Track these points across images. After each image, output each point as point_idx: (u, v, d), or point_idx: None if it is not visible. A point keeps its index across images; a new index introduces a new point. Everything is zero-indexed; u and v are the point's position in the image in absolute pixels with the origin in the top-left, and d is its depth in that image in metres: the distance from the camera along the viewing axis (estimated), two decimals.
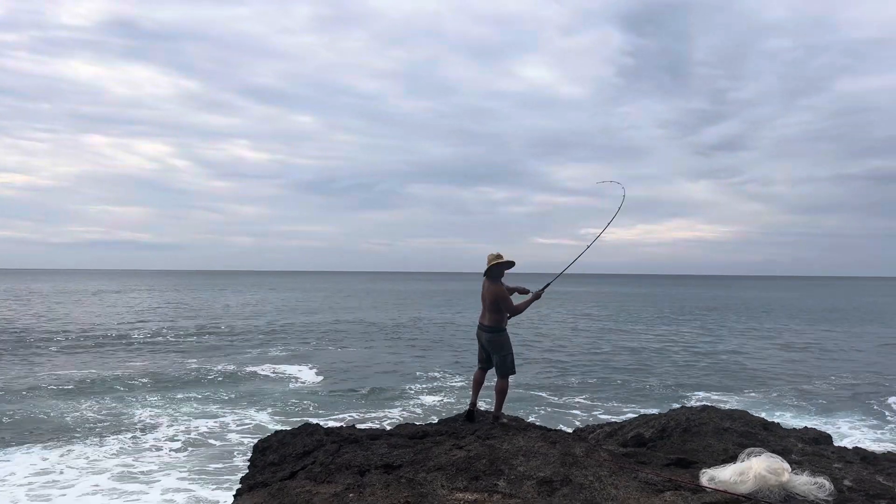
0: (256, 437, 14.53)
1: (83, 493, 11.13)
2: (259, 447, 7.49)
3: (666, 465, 6.30)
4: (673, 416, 8.30)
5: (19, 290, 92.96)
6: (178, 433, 14.97)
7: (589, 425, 9.46)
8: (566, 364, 26.58)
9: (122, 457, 13.12)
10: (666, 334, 39.26)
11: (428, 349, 31.12)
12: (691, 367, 26.23)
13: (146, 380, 21.74)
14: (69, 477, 11.88)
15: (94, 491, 11.22)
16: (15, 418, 16.33)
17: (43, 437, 14.56)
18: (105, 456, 13.16)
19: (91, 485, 11.53)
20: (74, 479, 11.80)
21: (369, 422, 16.08)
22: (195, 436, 14.82)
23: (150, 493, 11.20)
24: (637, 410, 17.27)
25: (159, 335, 35.52)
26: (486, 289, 7.42)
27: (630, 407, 18.18)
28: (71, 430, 15.25)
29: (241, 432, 15.25)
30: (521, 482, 5.03)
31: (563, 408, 18.20)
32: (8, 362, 24.90)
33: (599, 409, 18.16)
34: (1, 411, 16.92)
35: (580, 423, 15.38)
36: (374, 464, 5.92)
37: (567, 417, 16.73)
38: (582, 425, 10.04)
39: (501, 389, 7.53)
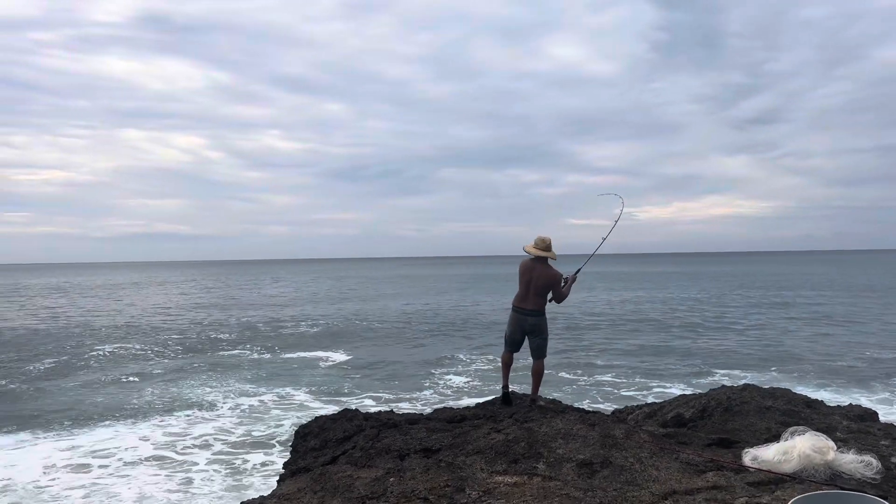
0: (294, 412, 15.97)
1: (137, 463, 12.02)
2: (300, 433, 7.60)
3: (707, 445, 6.24)
4: (713, 395, 8.19)
5: (65, 284, 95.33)
6: (226, 411, 15.97)
7: (627, 406, 9.39)
8: (593, 343, 26.49)
9: (172, 434, 13.91)
10: (699, 312, 38.77)
11: (455, 332, 31.27)
12: (726, 344, 25.85)
13: (193, 364, 22.97)
14: (125, 453, 12.65)
15: (152, 464, 11.98)
16: (83, 401, 17.47)
17: (111, 415, 15.74)
18: (161, 433, 14.08)
19: (144, 457, 12.35)
20: (127, 455, 12.56)
21: (401, 402, 16.75)
22: (241, 412, 15.81)
23: (198, 463, 11.99)
24: (668, 389, 17.22)
25: (201, 323, 36.37)
26: (537, 272, 7.36)
27: (661, 386, 18.03)
28: (130, 410, 16.40)
29: (282, 408, 16.27)
30: (561, 464, 5.02)
31: (591, 388, 18.15)
32: (68, 354, 25.64)
33: (628, 387, 18.01)
34: (70, 396, 18.06)
35: (610, 403, 15.36)
36: (414, 448, 5.97)
37: (596, 397, 16.71)
38: (620, 406, 9.96)
39: (538, 372, 7.53)
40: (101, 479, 11.23)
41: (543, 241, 7.45)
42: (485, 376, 20.10)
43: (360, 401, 17.01)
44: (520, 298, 7.46)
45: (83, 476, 11.42)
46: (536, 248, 7.42)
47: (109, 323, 36.99)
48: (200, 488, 10.77)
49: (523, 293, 7.41)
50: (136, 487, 10.82)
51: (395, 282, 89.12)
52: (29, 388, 19.28)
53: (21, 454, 12.82)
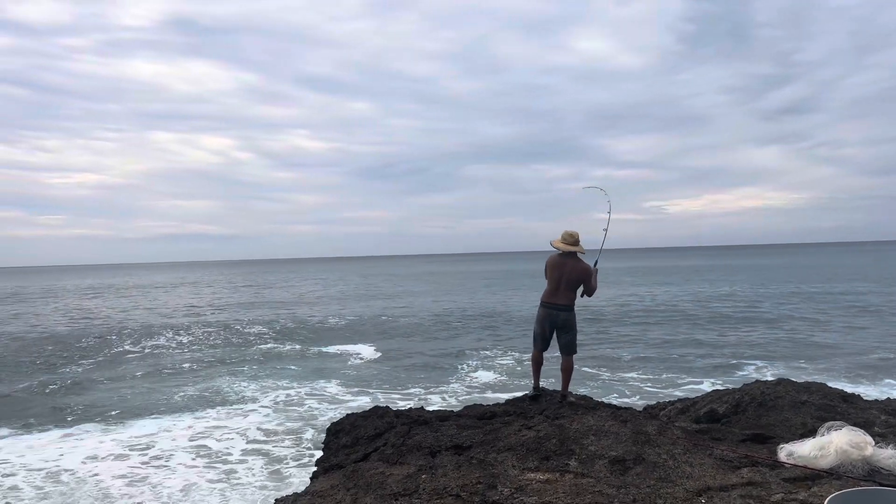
0: (326, 404, 16.37)
1: (178, 455, 12.37)
2: (332, 430, 7.67)
3: (742, 440, 6.17)
4: (747, 390, 8.10)
5: (100, 285, 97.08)
6: (262, 405, 16.39)
7: (659, 402, 9.32)
8: (618, 337, 26.35)
9: (211, 427, 14.32)
10: (729, 305, 38.25)
11: (482, 328, 31.28)
12: (756, 338, 25.47)
13: (228, 360, 23.66)
14: (166, 446, 13.04)
15: (192, 456, 12.33)
16: (124, 397, 18.03)
17: (151, 410, 16.27)
18: (201, 426, 14.50)
19: (184, 449, 12.74)
20: (168, 447, 12.94)
21: (430, 395, 17.03)
22: (276, 406, 16.27)
23: (236, 455, 12.30)
24: (696, 384, 17.06)
25: (234, 321, 36.89)
26: (568, 267, 7.31)
27: (689, 381, 17.85)
28: (170, 404, 16.92)
29: (316, 400, 16.80)
30: (593, 461, 5.00)
31: (617, 383, 18.04)
32: (106, 352, 26.16)
33: (655, 383, 17.83)
34: (111, 392, 18.60)
35: (638, 398, 15.29)
36: (445, 445, 5.98)
37: (624, 392, 16.60)
38: (651, 402, 9.90)
39: (568, 368, 7.49)
40: (142, 471, 11.56)
41: (571, 235, 7.40)
42: (511, 371, 20.13)
43: (387, 394, 17.36)
44: (550, 294, 7.39)
45: (126, 467, 11.78)
46: (564, 242, 7.37)
47: (145, 322, 37.61)
48: (240, 480, 11.00)
49: (553, 288, 7.35)
50: (177, 479, 11.08)
51: (421, 279, 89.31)
52: (71, 384, 19.77)
53: (66, 447, 13.20)
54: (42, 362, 23.93)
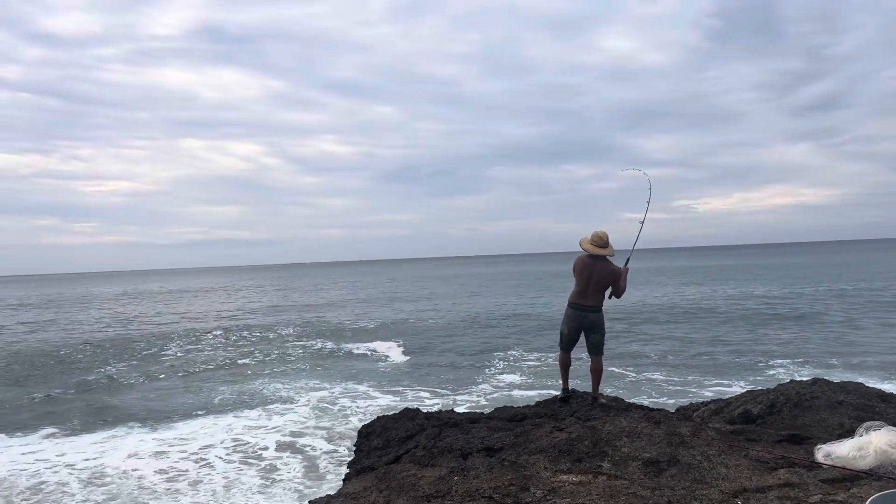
0: (360, 401, 16.74)
1: (217, 454, 12.75)
2: (363, 432, 7.71)
3: (777, 441, 6.08)
4: (781, 390, 7.97)
5: (133, 291, 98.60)
6: (297, 405, 16.78)
7: (692, 403, 9.21)
8: (645, 337, 26.17)
9: (248, 427, 14.70)
10: (760, 304, 37.67)
11: (508, 329, 31.28)
12: (786, 337, 25.05)
13: (262, 362, 24.26)
14: (205, 445, 13.44)
15: (231, 455, 12.67)
16: (164, 398, 18.58)
17: (191, 410, 16.80)
18: (240, 426, 14.92)
19: (223, 448, 13.12)
20: (209, 446, 13.36)
21: (458, 395, 17.28)
22: (310, 406, 16.62)
23: (269, 453, 12.61)
24: (724, 385, 16.87)
25: (266, 325, 37.37)
26: (597, 269, 7.26)
27: (717, 381, 17.65)
28: (208, 405, 17.46)
29: (349, 399, 17.24)
30: (627, 463, 4.97)
31: (644, 383, 17.94)
32: (143, 356, 26.65)
33: (682, 384, 17.65)
34: (150, 394, 19.14)
35: (665, 398, 15.17)
36: (476, 447, 5.98)
37: (650, 392, 16.49)
38: (683, 403, 9.80)
39: (598, 369, 7.45)
40: (183, 469, 11.91)
41: (601, 237, 7.34)
42: (538, 372, 20.20)
43: (416, 393, 17.69)
44: (578, 295, 7.35)
45: (168, 465, 12.16)
46: (594, 244, 7.32)
47: (179, 326, 38.21)
48: (277, 479, 11.23)
49: (582, 289, 7.31)
50: (217, 477, 11.39)
51: (447, 281, 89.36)
52: (110, 387, 20.29)
53: (109, 446, 13.63)
54: (81, 366, 24.48)
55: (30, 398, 18.99)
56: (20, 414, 17.08)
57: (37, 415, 16.84)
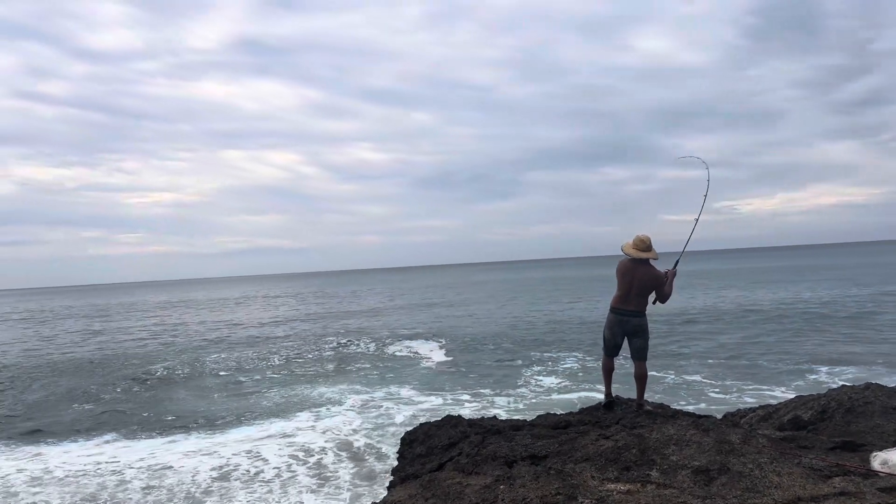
0: (403, 405, 16.96)
1: (270, 457, 13.05)
2: (406, 439, 7.72)
3: (831, 448, 5.92)
4: (833, 395, 7.77)
5: (179, 300, 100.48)
6: (343, 408, 17.18)
7: (740, 409, 9.02)
8: (683, 340, 25.88)
9: (299, 430, 15.07)
10: (802, 306, 36.75)
11: (546, 333, 31.21)
12: (830, 340, 24.36)
13: (309, 368, 24.65)
14: (260, 448, 13.76)
15: (285, 458, 12.98)
16: (217, 403, 19.09)
17: (244, 415, 17.30)
18: (291, 427, 15.43)
19: (276, 452, 13.43)
20: (262, 449, 13.67)
21: (496, 398, 17.42)
22: (356, 409, 17.00)
23: (317, 458, 12.81)
24: (767, 388, 16.63)
25: (310, 331, 37.92)
26: (639, 273, 7.15)
27: (756, 386, 17.30)
28: (257, 410, 17.91)
29: (392, 403, 17.61)
30: (676, 472, 4.88)
31: (679, 386, 17.72)
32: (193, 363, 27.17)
33: (721, 388, 17.33)
34: (204, 400, 19.66)
35: (703, 404, 14.94)
36: (520, 455, 5.93)
37: (686, 398, 16.23)
38: (731, 410, 9.61)
39: (642, 375, 7.33)
40: (238, 468, 12.35)
41: (643, 241, 7.22)
42: (574, 376, 20.24)
43: (456, 396, 17.93)
44: (620, 300, 7.24)
45: (222, 464, 12.63)
46: (636, 248, 7.21)
47: (225, 334, 38.90)
48: (328, 478, 11.53)
49: (624, 294, 7.19)
50: (270, 476, 11.79)
51: (484, 286, 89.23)
52: (163, 392, 20.89)
53: (167, 448, 14.16)
54: (134, 373, 25.08)
55: (88, 404, 19.61)
56: (80, 419, 17.68)
57: (96, 420, 17.39)
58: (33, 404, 19.78)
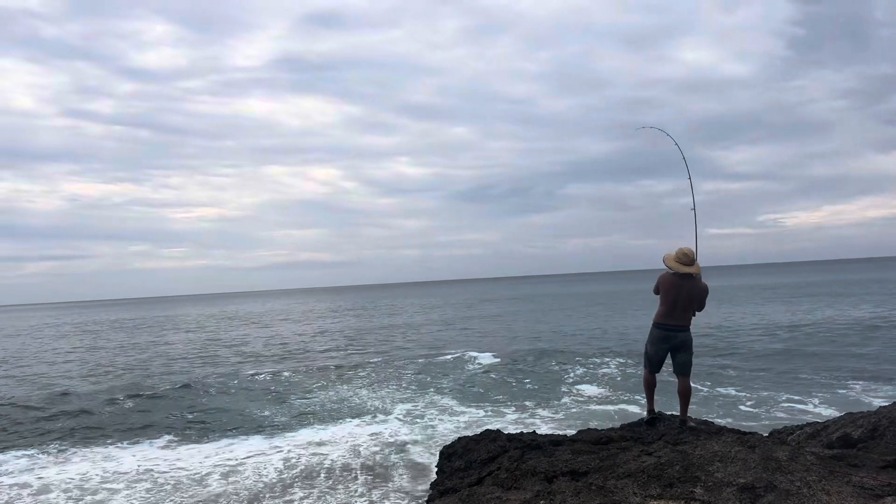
0: (445, 415, 17.05)
1: (321, 466, 13.12)
2: (445, 453, 7.71)
3: (882, 467, 5.73)
4: (884, 412, 7.51)
5: (222, 312, 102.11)
6: (388, 417, 17.38)
7: (787, 426, 8.79)
8: (719, 354, 25.42)
9: (349, 436, 15.46)
10: (848, 319, 35.69)
11: (582, 345, 30.97)
12: (881, 355, 23.42)
13: (352, 378, 24.93)
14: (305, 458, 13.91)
15: (337, 465, 13.18)
16: (266, 411, 19.42)
17: (291, 421, 17.74)
18: (342, 433, 15.79)
19: (328, 458, 13.66)
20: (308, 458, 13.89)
21: (538, 408, 17.49)
22: (400, 419, 17.13)
23: (360, 465, 12.84)
24: (806, 404, 16.19)
25: (351, 344, 38.16)
26: (686, 288, 7.02)
27: (789, 399, 16.88)
28: (308, 418, 18.22)
29: (437, 411, 17.86)
30: (720, 489, 4.78)
31: (711, 399, 17.40)
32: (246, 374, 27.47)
33: (754, 402, 16.89)
34: (255, 408, 19.95)
35: (731, 419, 14.63)
36: (560, 470, 5.87)
37: (717, 410, 15.88)
38: (779, 426, 9.37)
39: (686, 391, 7.22)
40: (291, 471, 12.75)
41: (686, 254, 7.08)
42: (615, 386, 20.18)
43: (497, 407, 17.99)
44: (665, 315, 7.11)
45: (275, 468, 12.99)
46: (679, 262, 7.09)
47: (269, 345, 39.41)
48: (370, 491, 11.58)
49: (669, 309, 7.07)
50: (321, 481, 12.06)
51: (523, 300, 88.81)
52: (216, 402, 21.15)
53: (229, 450, 14.65)
54: (186, 381, 25.44)
55: (143, 410, 20.17)
56: (137, 422, 18.26)
57: (157, 426, 17.85)
58: (89, 410, 20.36)
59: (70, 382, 26.69)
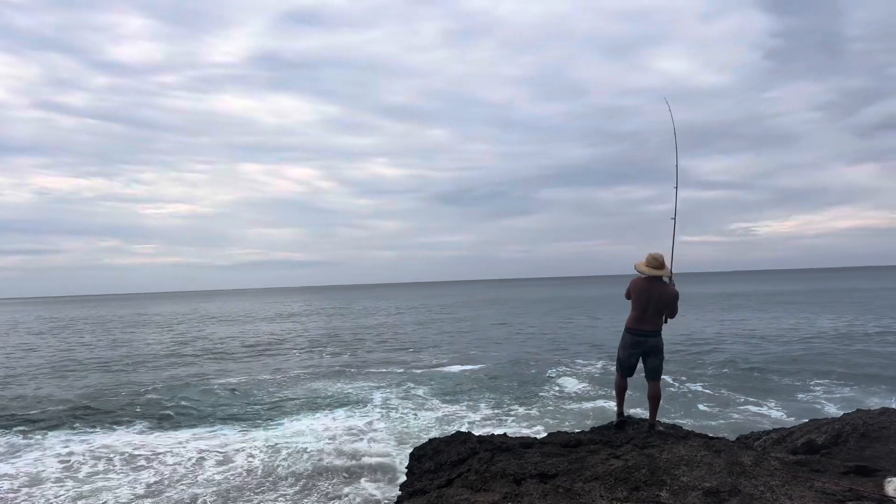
0: (423, 412, 17.19)
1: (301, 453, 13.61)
2: (415, 454, 7.70)
3: (844, 473, 5.84)
4: (848, 420, 7.68)
5: (193, 311, 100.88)
6: (357, 418, 17.32)
7: (753, 432, 8.93)
8: (687, 359, 25.68)
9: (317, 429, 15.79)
10: (816, 327, 36.32)
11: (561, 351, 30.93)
12: (846, 363, 23.86)
13: (331, 375, 24.99)
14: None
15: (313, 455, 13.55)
16: (278, 399, 20.01)
17: (267, 418, 17.71)
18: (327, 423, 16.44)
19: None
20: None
21: (513, 407, 17.67)
22: (370, 415, 17.31)
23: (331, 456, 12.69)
24: (772, 411, 16.42)
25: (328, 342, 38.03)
26: (655, 292, 7.08)
27: (764, 408, 17.07)
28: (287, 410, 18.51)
29: (409, 410, 17.87)
30: (686, 493, 4.83)
31: (679, 406, 17.55)
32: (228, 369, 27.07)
33: (721, 405, 17.17)
34: (243, 401, 20.24)
35: (691, 420, 14.85)
36: (529, 472, 5.89)
37: (697, 420, 16.06)
38: (736, 426, 9.51)
39: (656, 395, 7.27)
40: (267, 467, 12.91)
41: (656, 258, 7.17)
42: (589, 387, 20.34)
43: (472, 404, 18.21)
44: (636, 319, 7.16)
45: (249, 471, 12.99)
46: (649, 266, 7.16)
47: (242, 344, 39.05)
48: (337, 492, 11.58)
49: (640, 314, 7.12)
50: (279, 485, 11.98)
51: (499, 303, 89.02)
52: (190, 395, 21.21)
53: (196, 442, 14.89)
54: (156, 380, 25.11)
55: (119, 400, 20.46)
56: (110, 420, 18.14)
57: (123, 420, 17.86)
58: (67, 399, 20.57)
59: (34, 381, 26.25)
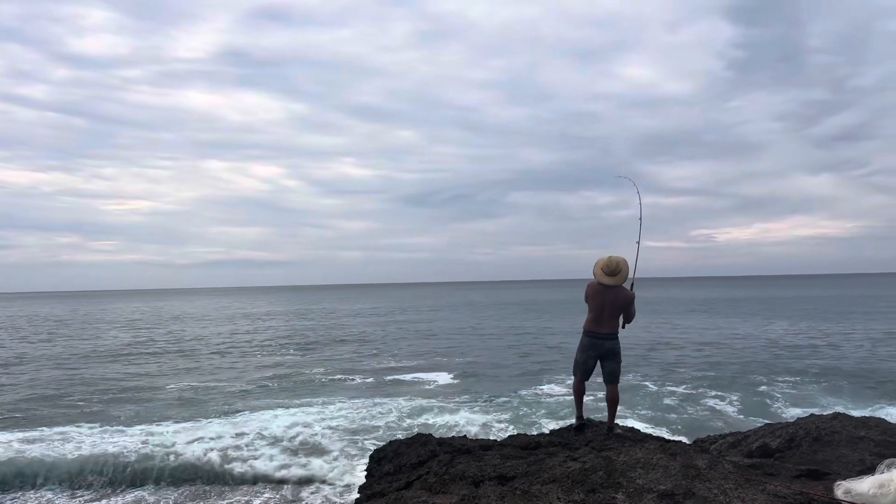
0: (380, 417, 17.13)
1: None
2: (375, 457, 7.65)
3: (796, 476, 5.95)
4: (801, 424, 7.84)
5: (153, 309, 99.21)
6: (318, 418, 17.26)
7: (710, 436, 9.06)
8: (649, 367, 26.05)
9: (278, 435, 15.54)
10: (771, 333, 37.18)
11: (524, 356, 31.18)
12: (805, 370, 24.53)
13: (296, 375, 25.08)
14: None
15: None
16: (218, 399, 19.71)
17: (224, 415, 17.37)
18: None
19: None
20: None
21: (473, 405, 17.97)
22: (332, 416, 17.28)
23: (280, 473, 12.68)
24: (743, 419, 16.74)
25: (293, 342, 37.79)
26: (611, 295, 7.07)
27: (719, 413, 17.50)
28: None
29: (367, 410, 18.00)
30: (641, 495, 4.87)
31: (644, 409, 17.88)
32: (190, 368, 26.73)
33: (684, 412, 17.49)
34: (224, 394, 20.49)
35: (676, 431, 15.04)
36: (488, 475, 5.88)
37: (655, 423, 16.36)
38: (703, 436, 9.66)
39: (614, 399, 7.31)
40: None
41: (611, 265, 7.12)
42: (556, 385, 20.68)
43: (435, 405, 18.35)
44: (593, 322, 7.17)
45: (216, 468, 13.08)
46: (604, 272, 7.14)
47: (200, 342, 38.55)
48: (298, 495, 11.62)
49: (596, 317, 7.13)
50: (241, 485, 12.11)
51: (465, 305, 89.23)
52: (147, 395, 21.05)
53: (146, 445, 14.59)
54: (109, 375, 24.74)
55: (70, 399, 20.23)
56: (65, 417, 18.07)
57: (72, 416, 17.87)
58: (26, 399, 20.40)
59: None
